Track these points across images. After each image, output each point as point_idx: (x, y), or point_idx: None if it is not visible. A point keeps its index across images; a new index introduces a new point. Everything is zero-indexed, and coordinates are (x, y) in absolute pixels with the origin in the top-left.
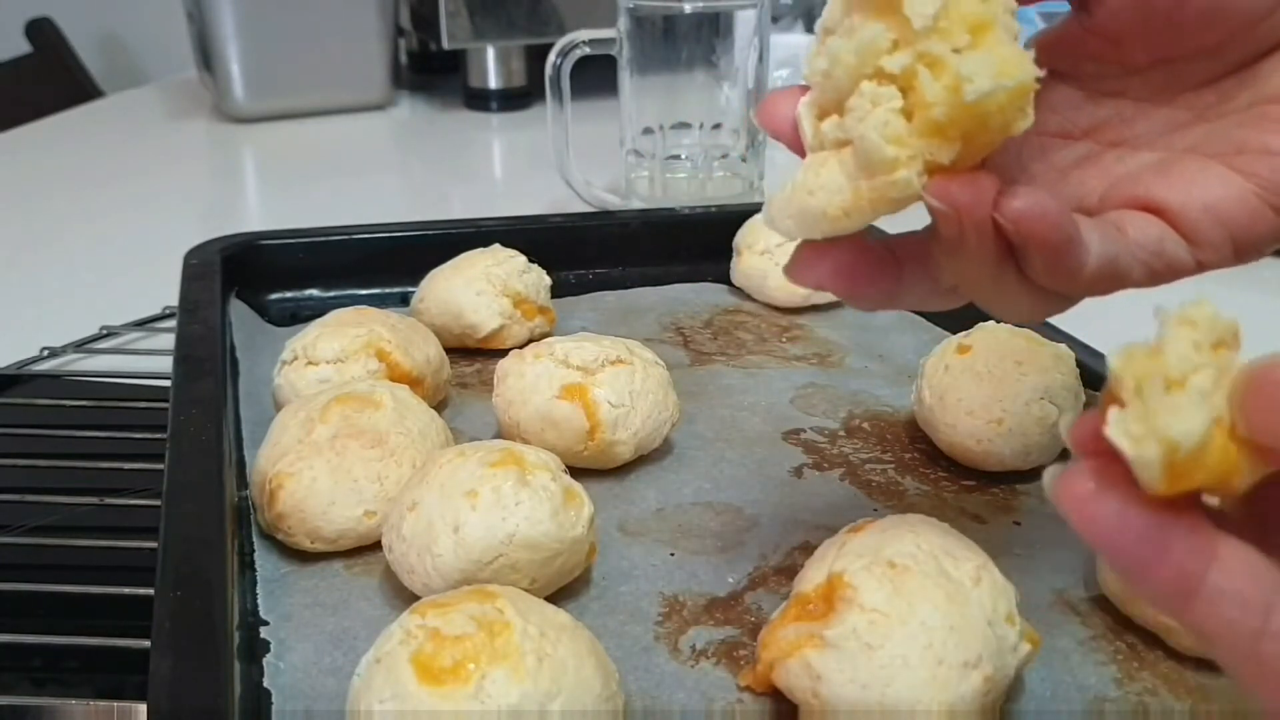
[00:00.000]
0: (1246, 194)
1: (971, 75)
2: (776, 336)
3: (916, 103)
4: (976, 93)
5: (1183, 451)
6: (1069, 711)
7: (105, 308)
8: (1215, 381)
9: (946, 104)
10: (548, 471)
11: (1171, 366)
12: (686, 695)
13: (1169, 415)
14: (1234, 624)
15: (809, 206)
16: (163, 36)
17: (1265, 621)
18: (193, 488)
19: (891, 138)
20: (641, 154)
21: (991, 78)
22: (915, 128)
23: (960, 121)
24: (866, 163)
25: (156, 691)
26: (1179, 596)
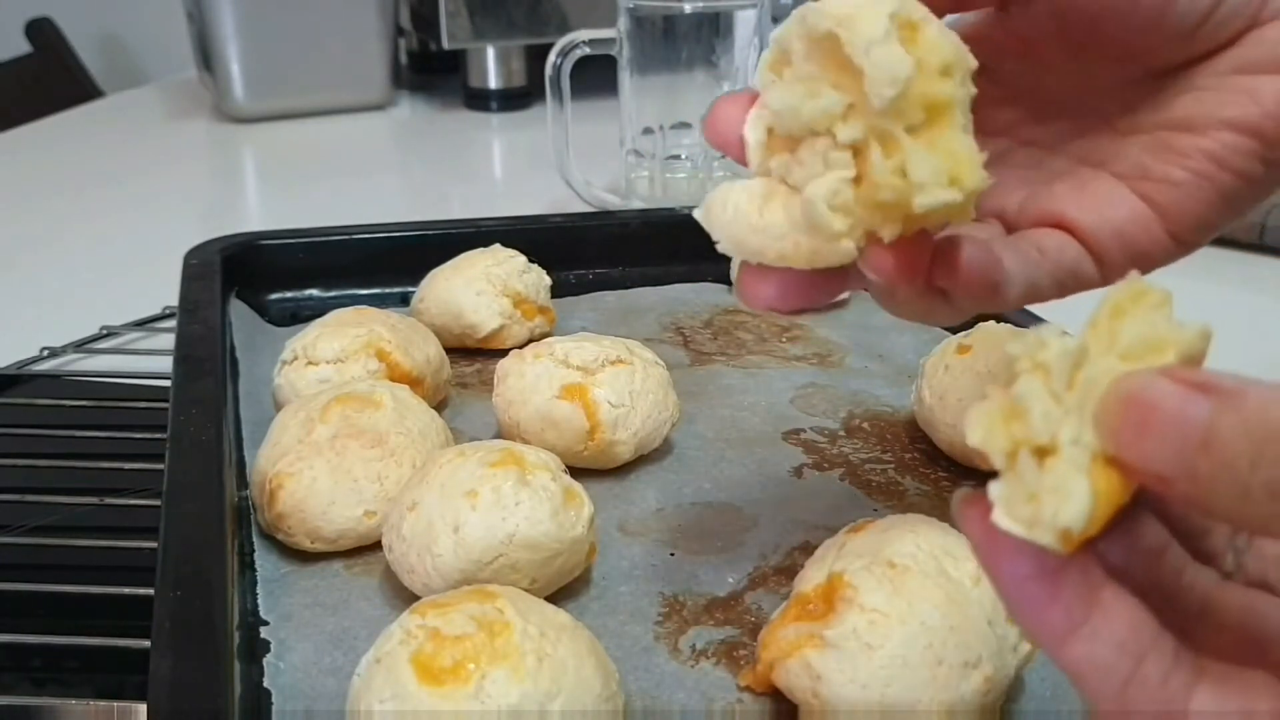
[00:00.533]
0: (1150, 221)
1: (922, 183)
2: (776, 336)
3: (865, 173)
4: (924, 205)
5: (1075, 532)
6: (1069, 711)
7: (105, 308)
8: (1082, 427)
9: (893, 190)
10: (548, 471)
11: (1037, 431)
12: (686, 695)
13: (1053, 498)
14: (1107, 668)
15: (747, 242)
16: (163, 36)
17: (1136, 668)
18: (193, 488)
19: (840, 207)
20: (641, 154)
21: (939, 188)
22: (861, 197)
23: (904, 208)
24: (811, 224)
25: (156, 691)
26: (1057, 636)
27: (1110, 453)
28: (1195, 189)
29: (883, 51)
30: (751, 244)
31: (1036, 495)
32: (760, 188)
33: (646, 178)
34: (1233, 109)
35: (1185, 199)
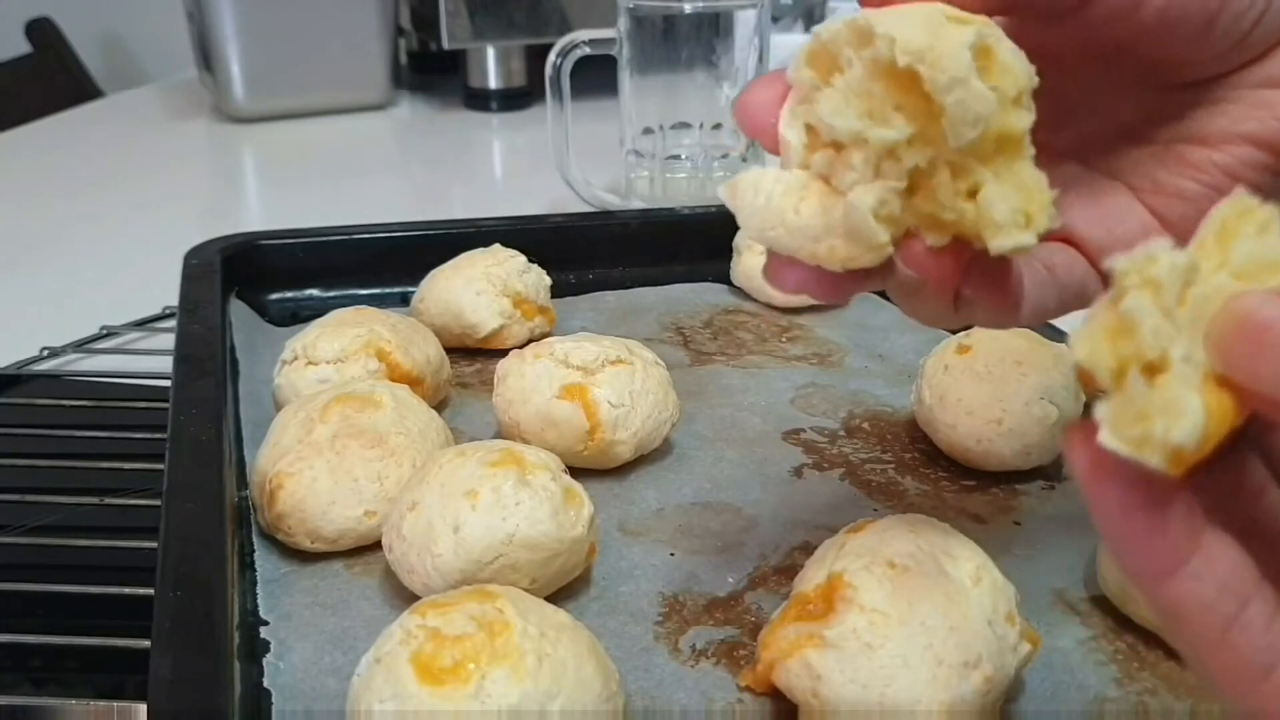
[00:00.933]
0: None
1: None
2: (776, 336)
3: (923, 188)
4: (1000, 248)
5: (1187, 451)
6: (1069, 711)
7: (105, 308)
8: (1194, 344)
9: (959, 214)
10: (548, 471)
11: (1147, 347)
12: (686, 695)
13: (1164, 417)
14: (1210, 607)
15: (778, 237)
16: (163, 36)
17: (1240, 610)
18: (193, 488)
19: (886, 218)
20: (641, 154)
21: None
22: (913, 208)
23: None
24: (850, 229)
25: (156, 691)
26: (1161, 573)
27: (1222, 372)
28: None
29: (966, 92)
30: (782, 240)
31: (1146, 413)
32: (797, 181)
33: (646, 178)
34: (1251, 123)
35: (1196, 213)
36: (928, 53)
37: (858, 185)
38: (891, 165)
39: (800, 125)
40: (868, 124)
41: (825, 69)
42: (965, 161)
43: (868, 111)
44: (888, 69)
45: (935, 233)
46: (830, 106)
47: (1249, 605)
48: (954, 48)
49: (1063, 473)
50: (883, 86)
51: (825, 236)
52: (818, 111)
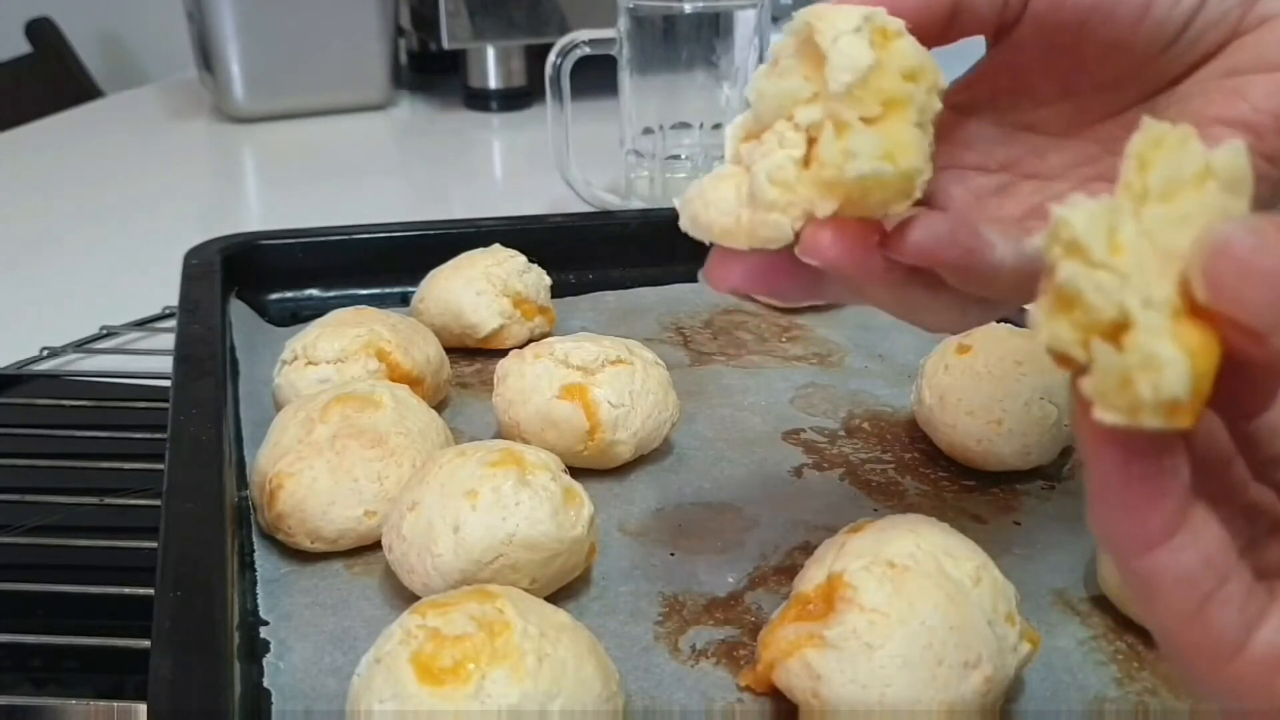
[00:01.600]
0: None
1: (856, 152)
2: (776, 336)
3: (814, 156)
4: (855, 171)
5: (1184, 400)
6: (1069, 711)
7: (105, 308)
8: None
9: (835, 168)
10: (548, 471)
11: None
12: (686, 695)
13: (1145, 374)
14: (1190, 581)
15: (699, 216)
16: (163, 36)
17: (1219, 587)
18: (193, 488)
19: (779, 181)
20: (641, 154)
21: (873, 159)
22: (805, 178)
23: (844, 187)
24: (752, 197)
25: (156, 691)
26: (1149, 544)
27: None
28: None
29: (847, 40)
30: (701, 218)
31: (1127, 377)
32: (727, 171)
33: (646, 178)
34: (1219, 107)
35: None
36: (823, 13)
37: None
38: (793, 136)
39: (741, 126)
40: (772, 81)
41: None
42: (851, 124)
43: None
44: (805, 44)
45: (826, 201)
46: (753, 83)
47: (1227, 582)
48: (848, 12)
49: (1063, 473)
50: (799, 62)
51: (734, 209)
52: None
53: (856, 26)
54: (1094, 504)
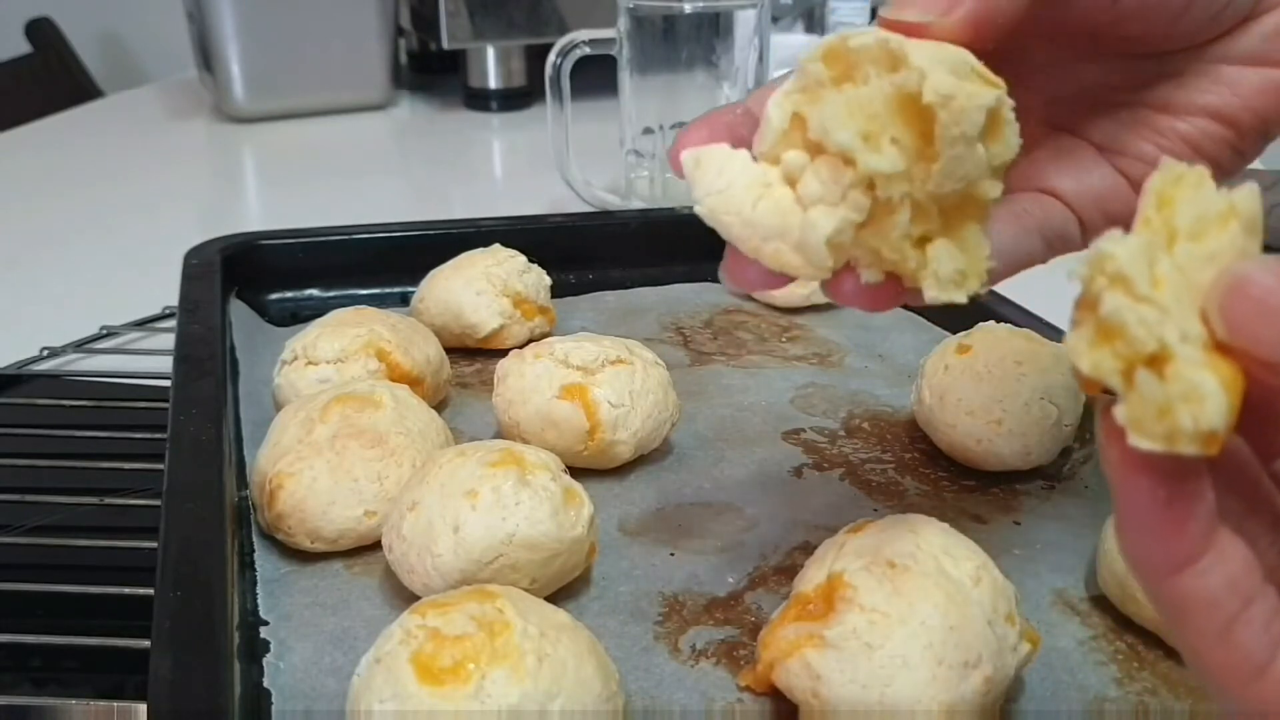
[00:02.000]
0: (1126, 193)
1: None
2: (776, 336)
3: (876, 223)
4: (933, 299)
5: (1220, 431)
6: (1069, 711)
7: (105, 308)
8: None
9: (905, 259)
10: (548, 471)
11: (1142, 343)
12: (686, 695)
13: (1187, 406)
14: (1215, 604)
15: (729, 225)
16: (163, 36)
17: (1244, 609)
18: (193, 488)
19: (836, 246)
20: (641, 154)
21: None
22: (863, 240)
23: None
24: (801, 245)
25: (156, 691)
26: (1175, 567)
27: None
28: None
29: (968, 151)
30: (733, 228)
31: (1168, 407)
32: (761, 176)
33: (646, 178)
34: (1213, 97)
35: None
36: (951, 102)
37: (821, 204)
38: (858, 196)
39: (788, 111)
40: (864, 147)
41: (838, 70)
42: (927, 208)
43: (866, 135)
44: (904, 100)
45: (872, 269)
46: (834, 114)
47: (1252, 604)
48: (975, 107)
49: (1063, 473)
50: (888, 111)
51: (774, 239)
52: (819, 113)
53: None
54: (1122, 529)
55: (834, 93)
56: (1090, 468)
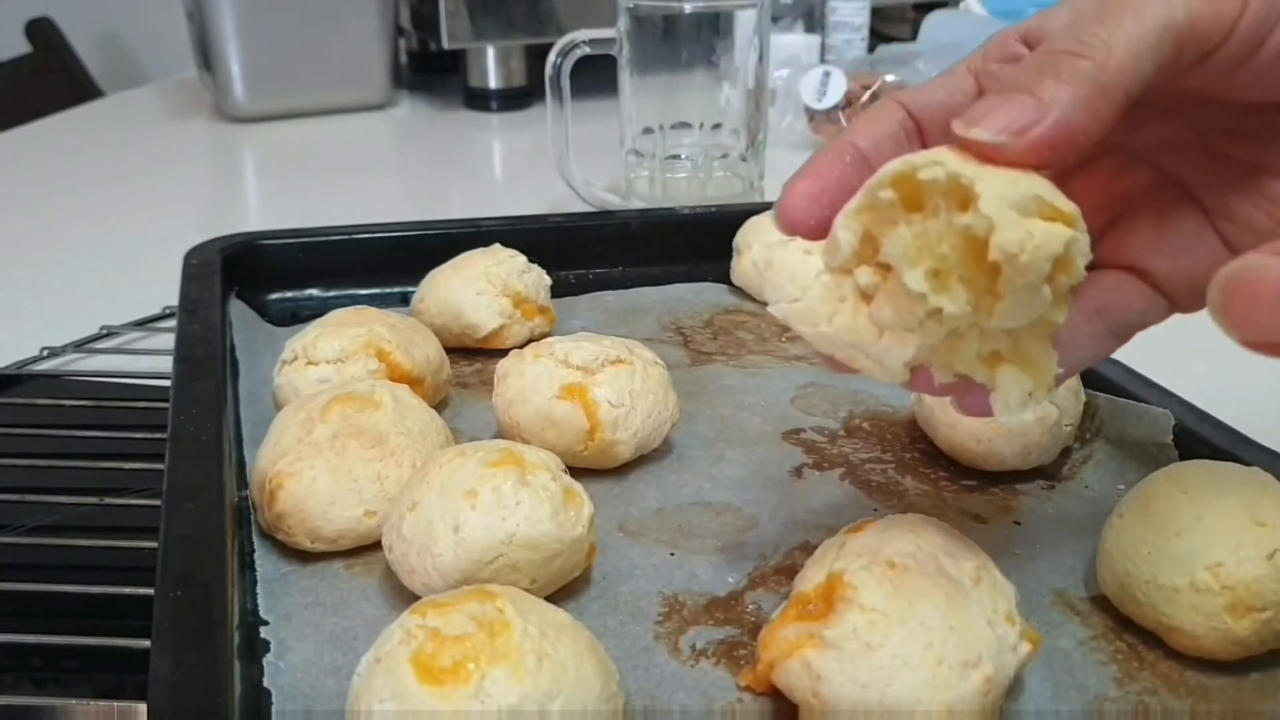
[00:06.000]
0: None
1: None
2: (776, 336)
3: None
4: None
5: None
6: (1069, 711)
7: (105, 308)
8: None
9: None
10: (548, 471)
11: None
12: (686, 695)
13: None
14: None
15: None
16: (163, 36)
17: None
18: (193, 488)
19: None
20: (641, 154)
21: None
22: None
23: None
24: (879, 362)
25: (156, 691)
26: None
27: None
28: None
29: (1033, 298)
30: (808, 335)
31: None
32: (836, 289)
33: (646, 178)
34: None
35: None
36: (1018, 257)
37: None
38: (934, 329)
39: (858, 230)
40: (932, 288)
41: (907, 197)
42: (995, 332)
43: (934, 272)
44: (971, 241)
45: (944, 371)
46: (902, 252)
47: None
48: (1040, 257)
49: (1063, 473)
50: (956, 249)
51: (850, 350)
52: (888, 246)
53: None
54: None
55: (903, 225)
56: (1090, 467)
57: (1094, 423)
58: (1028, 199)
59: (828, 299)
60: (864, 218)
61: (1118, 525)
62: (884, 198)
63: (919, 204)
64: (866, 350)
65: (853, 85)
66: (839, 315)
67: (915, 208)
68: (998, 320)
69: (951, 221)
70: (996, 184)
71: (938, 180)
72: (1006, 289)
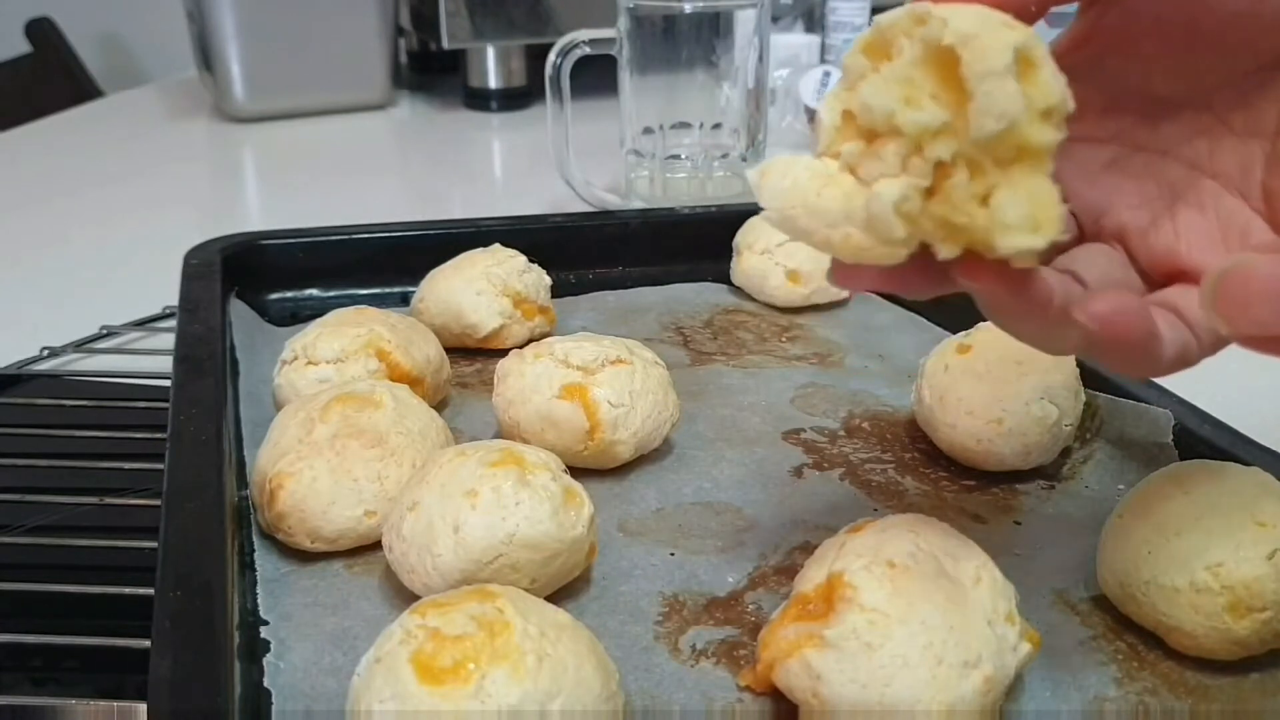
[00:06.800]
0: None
1: (1008, 225)
2: (776, 336)
3: (940, 188)
4: (1008, 248)
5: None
6: (1069, 711)
7: (105, 308)
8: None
9: (972, 218)
10: (548, 471)
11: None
12: (686, 695)
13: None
14: None
15: (797, 220)
16: (163, 36)
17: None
18: (193, 488)
19: (905, 214)
20: (641, 154)
21: (1023, 232)
22: (930, 211)
23: (974, 236)
24: (871, 223)
25: (156, 691)
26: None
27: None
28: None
29: (998, 85)
30: (800, 223)
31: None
32: (824, 169)
33: (646, 178)
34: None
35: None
36: (973, 40)
37: (884, 178)
38: (917, 163)
39: (838, 109)
40: (903, 107)
41: (878, 58)
42: (984, 163)
43: (906, 99)
44: (934, 54)
45: (948, 243)
46: (872, 89)
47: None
48: (999, 43)
49: (1062, 473)
50: (925, 73)
51: (842, 224)
52: (860, 94)
53: (1007, 63)
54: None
55: (872, 74)
56: (1090, 467)
57: (1094, 423)
58: (986, 14)
59: (815, 178)
60: (843, 96)
61: (1118, 525)
62: (856, 65)
63: (888, 57)
64: (857, 215)
65: None
66: (827, 188)
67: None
68: (974, 124)
69: (913, 40)
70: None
71: (898, 20)
72: (971, 80)
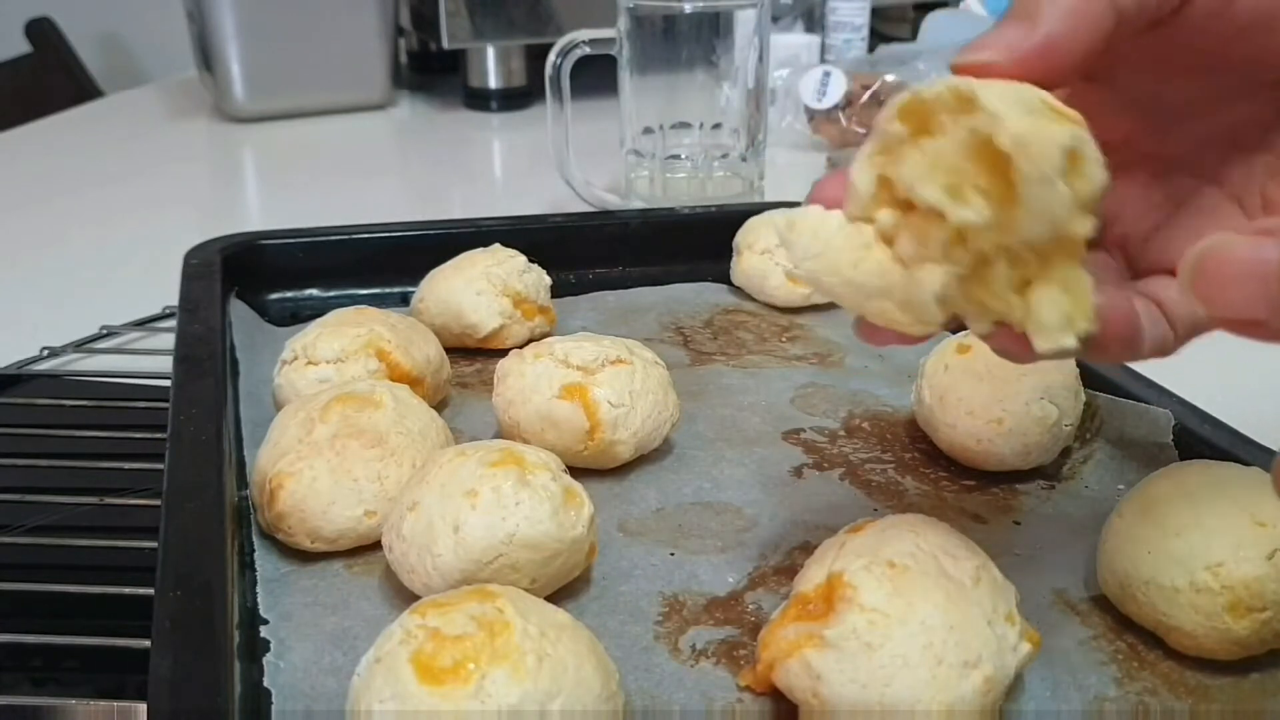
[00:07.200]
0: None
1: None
2: (776, 336)
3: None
4: (1044, 350)
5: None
6: (1069, 711)
7: (105, 308)
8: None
9: (1009, 308)
10: (548, 471)
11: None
12: (686, 695)
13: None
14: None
15: (830, 285)
16: (163, 36)
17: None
18: (193, 488)
19: (942, 300)
20: (641, 154)
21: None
22: (968, 292)
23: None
24: (908, 303)
25: (156, 691)
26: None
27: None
28: None
29: (1050, 191)
30: (834, 290)
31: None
32: (859, 237)
33: (646, 178)
34: None
35: None
36: (1024, 144)
37: (926, 264)
38: (959, 253)
39: (872, 174)
40: (949, 200)
41: (914, 124)
42: (1023, 253)
43: (950, 186)
44: (981, 144)
45: (980, 321)
46: (916, 171)
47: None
48: (1052, 146)
49: (1062, 473)
50: (970, 162)
51: (878, 298)
52: (902, 172)
53: (1060, 168)
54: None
55: (913, 149)
56: (1090, 467)
57: (1094, 423)
58: (1030, 100)
59: (850, 248)
60: (878, 160)
61: (1118, 525)
62: (893, 131)
63: (928, 131)
64: (895, 294)
65: (853, 85)
66: (864, 262)
67: (925, 135)
68: (1021, 227)
69: (958, 125)
70: (997, 89)
71: (940, 96)
72: (1022, 184)
